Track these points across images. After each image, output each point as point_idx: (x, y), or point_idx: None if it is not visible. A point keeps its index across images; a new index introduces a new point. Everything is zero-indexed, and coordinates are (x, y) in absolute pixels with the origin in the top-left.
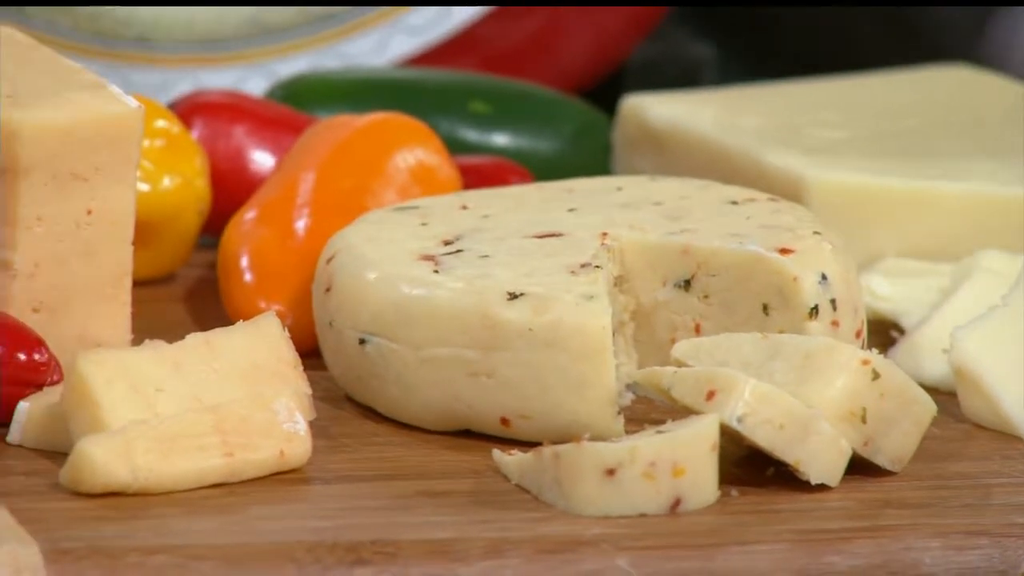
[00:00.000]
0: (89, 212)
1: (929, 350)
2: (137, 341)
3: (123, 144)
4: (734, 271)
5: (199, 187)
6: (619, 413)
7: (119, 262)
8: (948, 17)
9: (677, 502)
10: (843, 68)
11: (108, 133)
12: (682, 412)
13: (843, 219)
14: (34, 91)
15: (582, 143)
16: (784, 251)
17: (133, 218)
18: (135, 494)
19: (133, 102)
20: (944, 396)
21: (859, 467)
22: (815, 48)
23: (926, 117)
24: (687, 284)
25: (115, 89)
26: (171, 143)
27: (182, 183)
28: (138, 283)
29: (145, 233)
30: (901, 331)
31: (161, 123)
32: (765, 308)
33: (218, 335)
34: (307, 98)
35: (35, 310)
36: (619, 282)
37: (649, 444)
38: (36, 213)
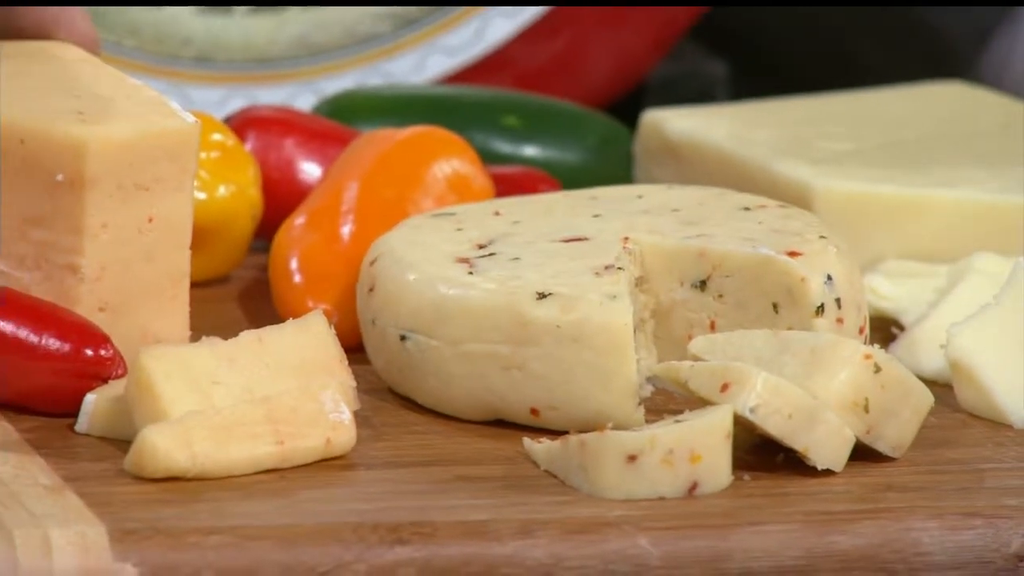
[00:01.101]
0: (150, 220)
1: (927, 345)
2: (195, 338)
3: (182, 156)
4: (746, 272)
5: (252, 195)
6: (640, 404)
7: (178, 265)
8: (948, 37)
9: (694, 486)
10: (848, 85)
11: (168, 146)
12: (698, 403)
13: (847, 224)
14: (100, 107)
15: (606, 154)
16: (793, 254)
17: (191, 224)
18: (193, 479)
19: (191, 118)
20: (940, 388)
21: (862, 453)
22: (822, 66)
23: (924, 130)
24: (703, 284)
25: (174, 105)
26: (226, 155)
27: (236, 191)
28: (195, 284)
29: (202, 238)
30: (901, 328)
31: (217, 136)
32: (775, 307)
33: (270, 332)
34: (352, 113)
35: (101, 310)
36: (640, 283)
37: (668, 433)
38: (101, 221)
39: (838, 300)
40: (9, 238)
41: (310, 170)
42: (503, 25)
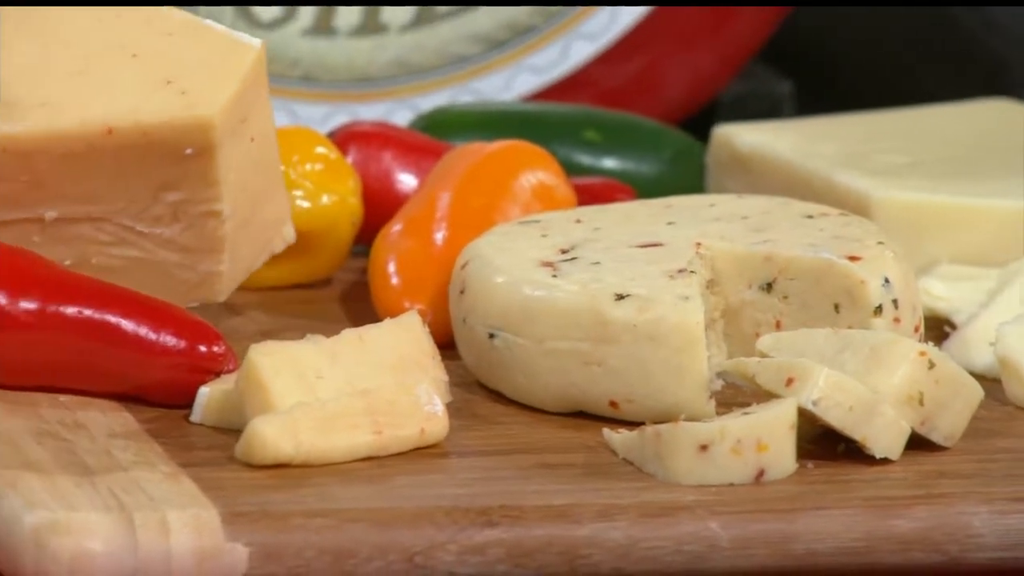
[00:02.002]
0: (252, 139)
1: (977, 343)
2: (300, 336)
3: (261, 76)
4: (810, 275)
5: (352, 204)
6: (711, 397)
7: (273, 159)
8: (1001, 57)
9: (761, 473)
10: (905, 103)
11: (251, 76)
12: (765, 396)
13: (903, 231)
14: (187, 71)
15: (680, 166)
16: (853, 258)
17: (275, 128)
18: (298, 466)
19: (254, 41)
20: (990, 382)
21: (917, 443)
22: (881, 85)
23: (975, 144)
24: (769, 287)
25: (226, 31)
26: (329, 167)
27: (338, 200)
28: (301, 286)
29: (306, 243)
30: (953, 327)
31: (321, 149)
32: (836, 307)
33: (369, 330)
34: (445, 128)
35: (238, 230)
36: (711, 285)
37: (737, 424)
38: (228, 167)
39: (895, 301)
40: (145, 205)
41: (406, 181)
42: (585, 47)
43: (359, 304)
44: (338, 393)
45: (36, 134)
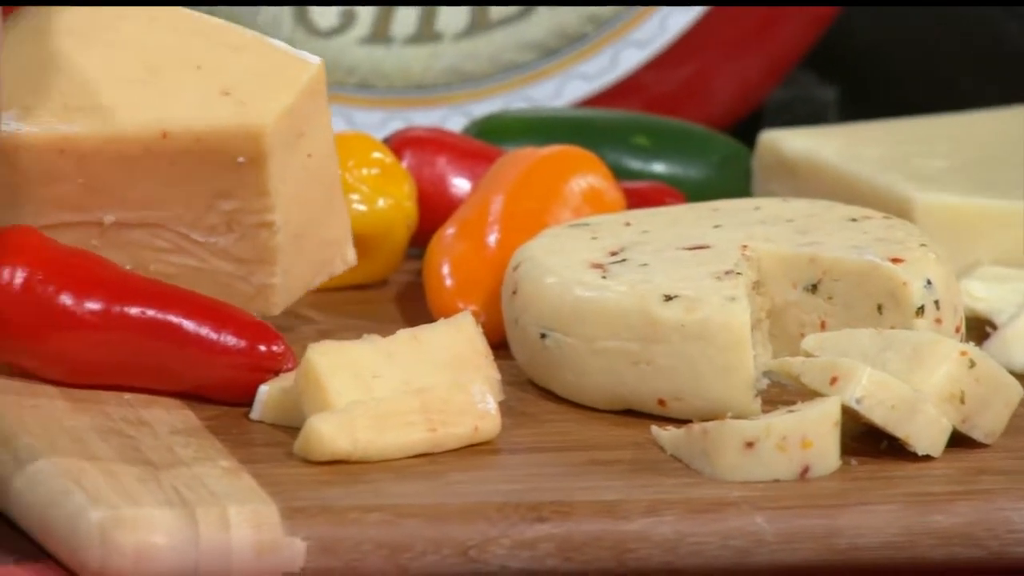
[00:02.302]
0: (309, 155)
1: (1017, 343)
2: (356, 336)
3: (319, 93)
4: (853, 277)
5: (407, 207)
6: (757, 396)
7: (332, 178)
8: None
9: (806, 469)
10: (947, 108)
11: (308, 91)
12: (810, 395)
13: (945, 233)
14: (242, 80)
15: (727, 170)
16: (895, 260)
17: (334, 145)
18: (354, 462)
19: (314, 59)
20: None
21: (958, 441)
22: (924, 91)
23: (1016, 148)
24: (814, 288)
25: (285, 47)
26: (385, 171)
27: (394, 204)
28: (357, 287)
29: (363, 246)
30: (994, 327)
31: (377, 154)
32: (879, 308)
33: (424, 330)
34: (498, 133)
35: (292, 243)
36: (756, 286)
37: (782, 421)
38: (281, 178)
39: (936, 302)
40: (200, 214)
41: (460, 185)
42: (635, 54)
43: (414, 305)
44: (393, 391)
45: (92, 135)
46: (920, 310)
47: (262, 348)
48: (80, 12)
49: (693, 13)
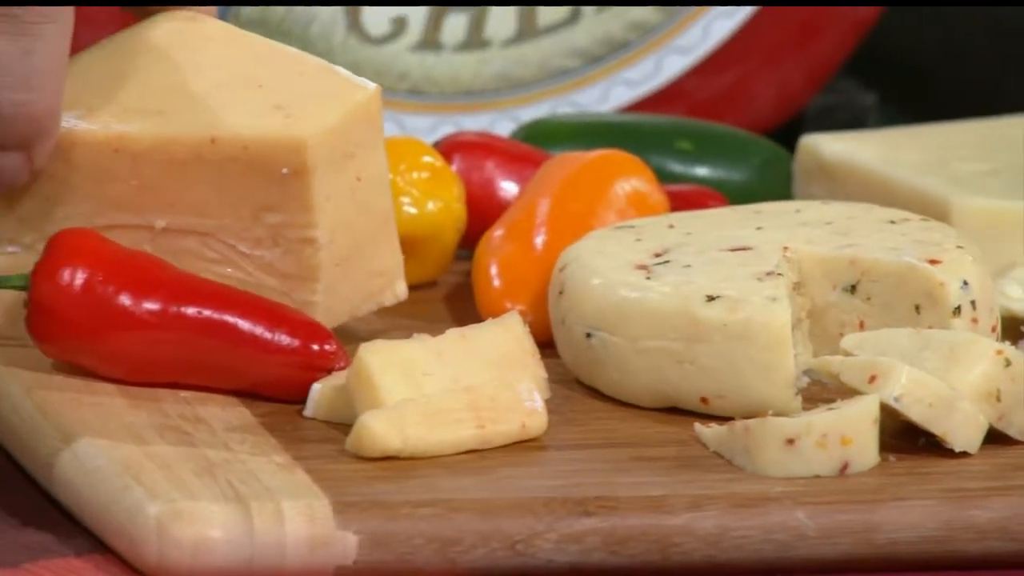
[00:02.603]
0: (359, 179)
1: None
2: (407, 335)
3: (373, 118)
4: (892, 278)
5: (457, 210)
6: (797, 394)
7: (384, 208)
8: None
9: (845, 466)
10: (986, 113)
11: (361, 115)
12: (849, 393)
13: (981, 235)
14: (293, 96)
15: (768, 174)
16: (933, 261)
17: (388, 174)
18: (405, 458)
19: (370, 83)
20: None
21: (994, 437)
22: (963, 96)
23: None
24: (853, 288)
25: (346, 72)
26: (434, 175)
27: (443, 206)
28: (408, 287)
29: (413, 247)
30: None
31: (427, 159)
32: (917, 308)
33: (472, 330)
34: (544, 138)
35: (336, 265)
36: (797, 287)
37: (822, 419)
38: (325, 195)
39: (973, 302)
40: (247, 225)
41: (508, 188)
42: (678, 61)
43: (463, 305)
44: (443, 389)
45: (145, 136)
46: (957, 310)
47: (315, 347)
48: (168, 32)
49: (735, 20)
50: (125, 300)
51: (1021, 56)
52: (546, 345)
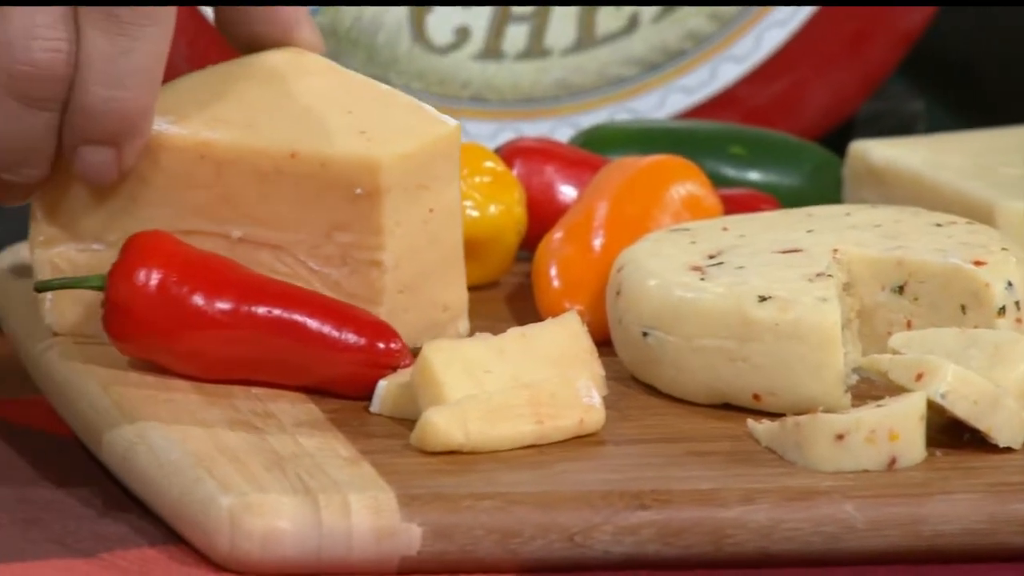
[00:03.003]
0: (431, 211)
1: None
2: (469, 334)
3: (450, 155)
4: (938, 279)
5: (517, 213)
6: (847, 391)
7: (454, 244)
8: None
9: (893, 460)
10: None
11: (439, 149)
12: (897, 390)
13: None
14: (376, 122)
15: (819, 179)
16: (978, 263)
17: (460, 210)
18: (467, 453)
19: (452, 120)
20: None
21: None
22: (1008, 103)
23: None
24: (901, 289)
25: (431, 110)
26: (496, 179)
27: (504, 210)
28: (470, 288)
29: (475, 249)
30: None
31: (489, 164)
32: (963, 308)
33: (532, 329)
34: (602, 144)
35: (400, 292)
36: (847, 288)
37: (871, 415)
38: (396, 220)
39: (1017, 303)
40: (318, 242)
41: (567, 192)
42: (732, 69)
43: (523, 305)
44: (504, 386)
45: (230, 145)
46: (1002, 310)
47: (381, 345)
48: (270, 62)
49: (788, 29)
50: (198, 300)
51: None
52: (603, 343)
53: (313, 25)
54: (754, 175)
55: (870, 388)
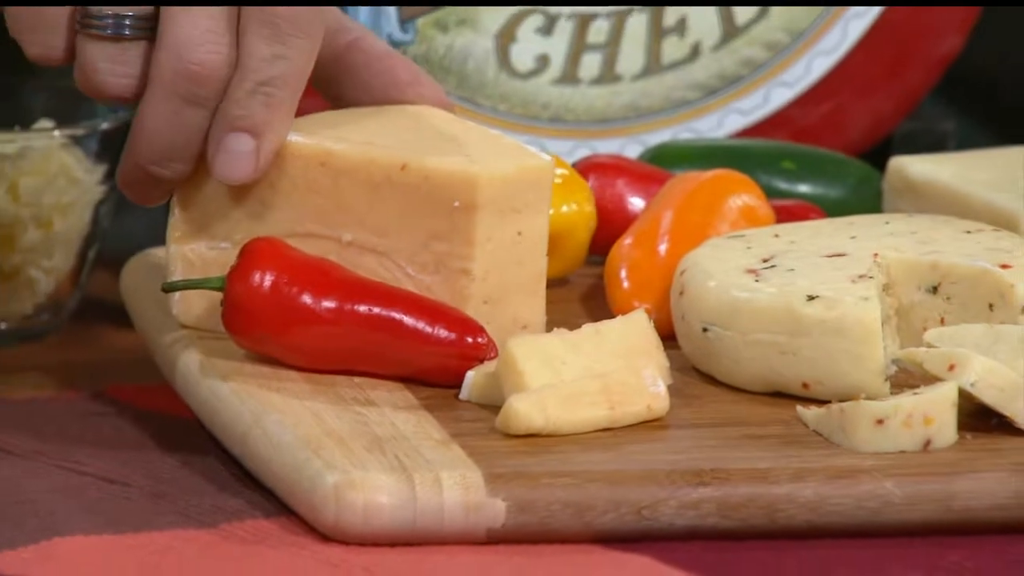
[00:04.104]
0: (519, 233)
1: None
2: (548, 329)
3: (542, 186)
4: (968, 280)
5: (588, 211)
6: (886, 380)
7: (538, 268)
8: None
9: (928, 442)
10: None
11: (532, 179)
12: (931, 380)
13: None
14: (480, 150)
15: (861, 191)
16: (1004, 266)
17: (546, 238)
18: (546, 436)
19: (547, 157)
20: None
21: None
22: None
23: None
24: (935, 289)
25: (533, 149)
26: (566, 182)
27: (576, 208)
28: (548, 286)
29: (551, 244)
30: None
31: (561, 170)
32: (991, 307)
33: (604, 325)
34: (667, 159)
35: (484, 303)
36: (886, 288)
37: (908, 401)
38: (487, 236)
39: None
40: (416, 250)
41: (636, 202)
42: (784, 93)
43: (596, 303)
44: (579, 376)
45: (349, 154)
46: None
47: (469, 340)
48: (401, 108)
49: (833, 58)
50: (306, 299)
51: None
52: (668, 338)
53: (431, 82)
54: (803, 188)
55: (907, 378)
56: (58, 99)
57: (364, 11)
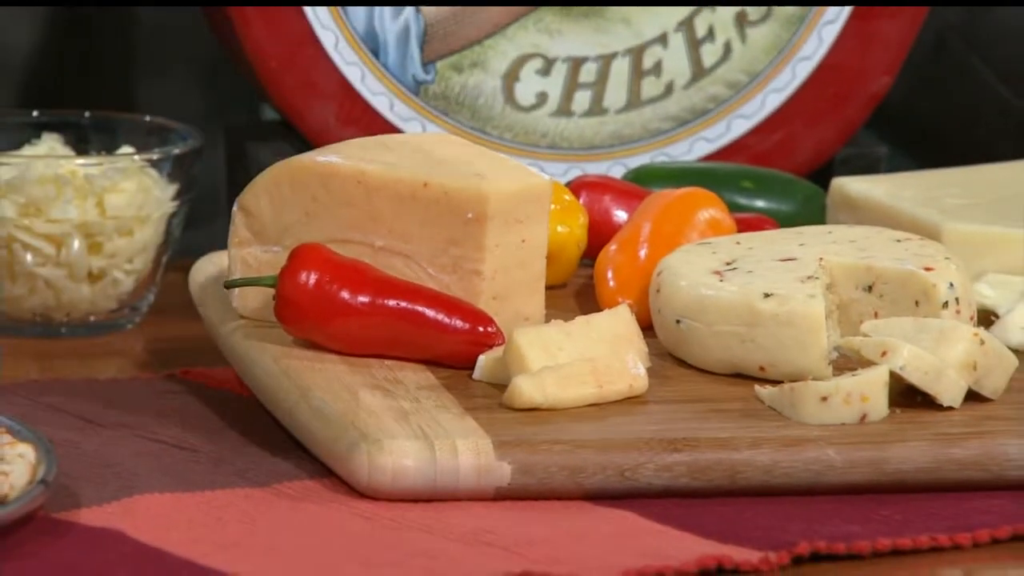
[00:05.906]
0: (523, 240)
1: (1014, 328)
2: (547, 320)
3: (541, 200)
4: (898, 281)
5: (578, 234)
6: (829, 364)
7: (538, 270)
8: None
9: (864, 416)
10: (967, 162)
11: (533, 194)
12: (867, 364)
13: (964, 251)
14: (490, 170)
15: (808, 206)
16: (928, 269)
17: (546, 244)
18: (545, 410)
19: (546, 176)
20: (1023, 354)
21: (972, 396)
22: (951, 149)
23: (1021, 189)
24: (870, 288)
25: (534, 169)
26: (565, 208)
27: (568, 231)
28: (547, 288)
29: (549, 258)
30: (997, 316)
31: (567, 197)
32: (916, 303)
33: (594, 317)
34: (646, 179)
35: (493, 298)
36: (829, 287)
37: (847, 382)
38: (496, 242)
39: (957, 299)
40: (436, 254)
41: (620, 215)
42: (743, 124)
43: (587, 299)
44: (572, 360)
45: (380, 173)
46: (945, 304)
47: (481, 329)
48: (423, 135)
49: (784, 94)
50: (345, 295)
51: (992, 115)
52: (647, 328)
53: None
54: (760, 203)
55: (847, 362)
56: (139, 130)
57: (391, 54)
